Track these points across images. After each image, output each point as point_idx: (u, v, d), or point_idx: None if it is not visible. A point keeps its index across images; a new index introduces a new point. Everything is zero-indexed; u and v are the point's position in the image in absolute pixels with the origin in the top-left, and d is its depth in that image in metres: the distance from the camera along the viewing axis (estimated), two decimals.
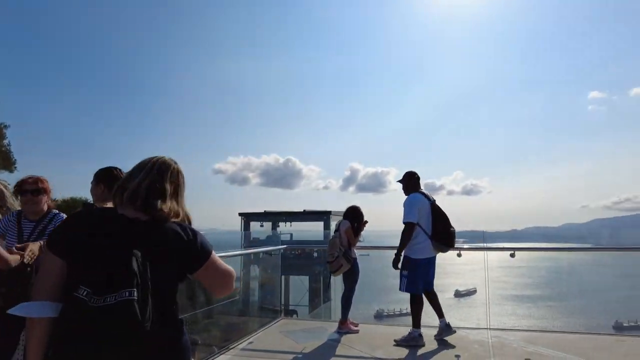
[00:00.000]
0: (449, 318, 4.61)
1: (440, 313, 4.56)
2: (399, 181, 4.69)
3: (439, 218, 4.31)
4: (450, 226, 4.34)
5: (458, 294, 51.97)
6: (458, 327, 4.82)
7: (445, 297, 50.90)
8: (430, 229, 4.32)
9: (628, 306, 43.06)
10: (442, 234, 4.28)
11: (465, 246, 5.55)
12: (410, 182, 4.58)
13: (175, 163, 1.62)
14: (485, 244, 5.60)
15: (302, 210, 18.99)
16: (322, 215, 19.41)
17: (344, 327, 4.84)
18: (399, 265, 4.44)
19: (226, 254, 4.32)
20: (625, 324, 39.01)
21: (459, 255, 5.10)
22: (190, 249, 1.41)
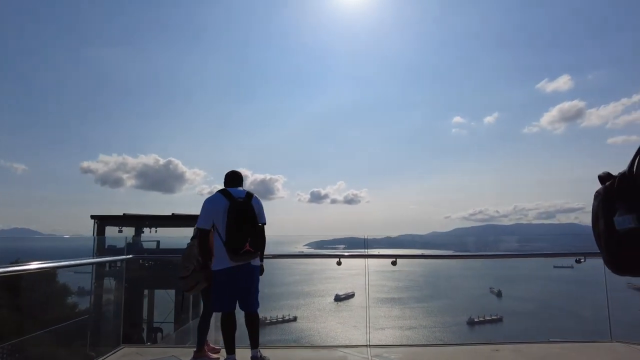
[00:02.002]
0: (330, 322, 4.04)
1: (254, 343, 3.68)
2: None
3: (230, 220, 3.48)
4: (240, 229, 3.46)
5: (338, 298, 53.99)
6: (337, 347, 4.26)
7: (326, 301, 52.62)
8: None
9: (478, 304, 49.42)
10: (230, 239, 3.45)
11: (347, 253, 5.33)
12: (225, 182, 3.92)
13: None
14: (366, 250, 5.33)
15: (170, 214, 16.16)
16: (194, 220, 16.24)
17: (201, 355, 3.89)
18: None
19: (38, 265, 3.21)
20: (476, 320, 44.78)
21: (339, 263, 4.83)
22: None
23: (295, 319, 44.25)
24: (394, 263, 4.78)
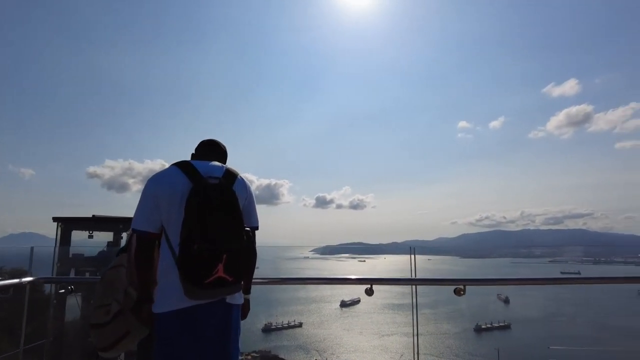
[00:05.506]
0: (336, 329, 3.57)
1: None
2: None
3: (191, 218, 1.75)
4: (208, 236, 1.73)
5: (343, 304, 53.62)
6: None
7: (332, 307, 52.50)
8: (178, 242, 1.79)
9: (485, 310, 48.95)
10: (188, 255, 1.73)
11: (377, 273, 3.93)
12: (194, 153, 2.19)
13: None
14: (413, 271, 3.78)
15: None
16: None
17: None
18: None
19: None
20: (483, 326, 44.37)
21: (370, 292, 3.20)
22: None
23: (300, 324, 44.01)
24: (458, 292, 3.15)
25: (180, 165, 1.91)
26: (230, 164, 2.14)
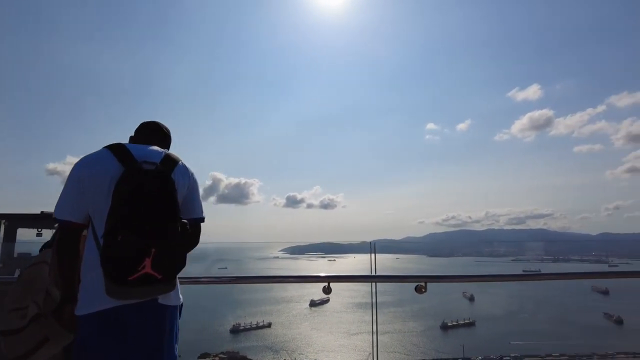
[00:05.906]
0: (305, 328, 3.54)
1: None
2: None
3: (119, 207, 1.49)
4: (134, 227, 1.47)
5: (313, 304, 53.64)
6: None
7: (302, 307, 52.48)
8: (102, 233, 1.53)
9: (451, 308, 50.21)
10: (111, 247, 1.45)
11: (335, 271, 3.47)
12: (132, 136, 1.97)
13: None
14: (373, 267, 3.59)
15: None
16: None
17: None
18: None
19: None
20: (449, 324, 45.45)
21: (328, 290, 3.00)
22: None
23: (269, 325, 43.76)
24: (420, 289, 2.99)
25: (112, 148, 1.66)
26: (200, 162, 1.90)
